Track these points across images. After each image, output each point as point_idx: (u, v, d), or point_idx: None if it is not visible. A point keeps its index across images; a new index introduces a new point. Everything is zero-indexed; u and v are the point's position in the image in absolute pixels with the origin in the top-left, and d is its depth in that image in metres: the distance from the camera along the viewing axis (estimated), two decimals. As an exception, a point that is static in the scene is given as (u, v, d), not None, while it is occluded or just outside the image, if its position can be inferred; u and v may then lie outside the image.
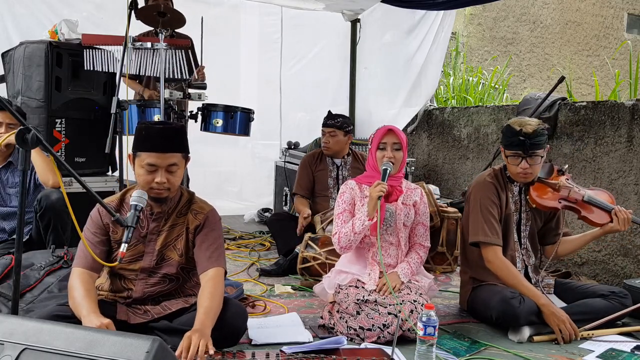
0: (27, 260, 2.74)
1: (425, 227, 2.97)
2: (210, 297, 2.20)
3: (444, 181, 5.60)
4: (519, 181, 2.91)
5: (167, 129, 2.29)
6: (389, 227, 2.86)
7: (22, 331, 1.48)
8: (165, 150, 2.23)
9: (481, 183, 2.92)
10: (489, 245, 2.82)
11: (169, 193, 2.29)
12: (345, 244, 2.79)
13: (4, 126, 3.06)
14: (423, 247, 2.95)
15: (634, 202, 3.79)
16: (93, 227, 2.33)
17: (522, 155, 2.78)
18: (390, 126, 2.89)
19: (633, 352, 2.58)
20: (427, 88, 5.98)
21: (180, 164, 2.29)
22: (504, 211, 2.91)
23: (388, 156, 2.81)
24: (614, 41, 11.99)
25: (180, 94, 3.91)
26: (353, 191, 2.93)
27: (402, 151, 2.85)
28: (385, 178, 2.74)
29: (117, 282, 2.38)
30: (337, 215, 2.90)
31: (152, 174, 2.23)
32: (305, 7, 5.83)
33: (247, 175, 6.19)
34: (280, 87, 6.01)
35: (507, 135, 2.82)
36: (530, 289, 2.76)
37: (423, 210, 2.96)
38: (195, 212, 2.39)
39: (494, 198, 2.86)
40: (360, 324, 2.60)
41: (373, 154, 2.88)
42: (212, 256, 2.31)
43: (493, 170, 2.99)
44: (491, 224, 2.83)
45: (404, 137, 2.90)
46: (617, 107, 3.94)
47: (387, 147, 2.83)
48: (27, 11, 4.83)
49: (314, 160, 4.27)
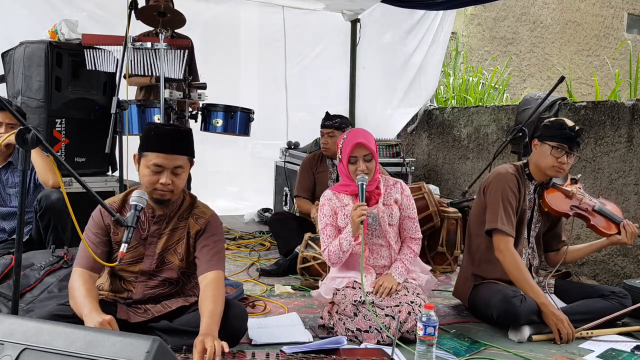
0: (27, 260, 2.74)
1: (413, 219, 2.93)
2: (214, 300, 2.20)
3: (444, 181, 5.60)
4: (550, 175, 2.92)
5: (176, 131, 2.30)
6: (375, 230, 2.84)
7: (22, 331, 1.48)
8: (172, 151, 2.23)
9: (504, 174, 2.92)
10: (503, 235, 2.82)
11: (172, 195, 2.29)
12: (335, 260, 2.79)
13: (4, 126, 3.06)
14: (414, 240, 2.92)
15: (634, 202, 3.79)
16: (95, 228, 2.33)
17: (567, 150, 2.83)
18: (358, 138, 2.78)
19: (633, 352, 2.58)
20: (427, 88, 5.98)
21: (185, 167, 2.29)
22: (520, 205, 2.92)
23: (361, 169, 2.75)
24: (614, 41, 11.99)
25: (180, 94, 3.91)
26: (331, 202, 2.90)
27: (373, 159, 2.78)
28: (363, 197, 2.69)
29: (117, 282, 2.38)
30: (322, 231, 2.87)
31: (157, 175, 2.23)
32: (305, 7, 5.84)
33: (247, 175, 6.19)
34: (286, 86, 6.01)
35: (556, 128, 2.85)
36: (532, 286, 2.77)
37: (406, 203, 2.92)
38: (196, 216, 2.38)
39: (515, 190, 2.88)
40: (358, 326, 2.59)
41: (345, 164, 2.82)
42: (212, 260, 2.31)
43: (514, 165, 3.00)
44: (509, 214, 2.84)
45: (373, 142, 2.82)
46: (617, 107, 3.95)
47: (359, 161, 2.77)
48: (27, 11, 4.83)
49: (315, 162, 4.27)
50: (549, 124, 2.91)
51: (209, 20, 5.63)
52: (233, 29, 5.94)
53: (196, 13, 5.25)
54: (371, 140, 2.82)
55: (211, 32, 5.52)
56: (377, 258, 2.86)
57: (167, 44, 3.67)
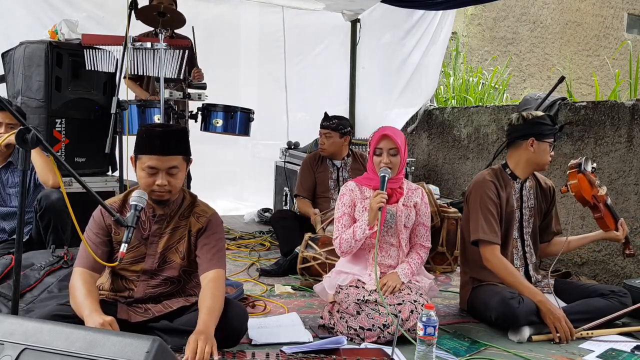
0: (27, 260, 2.74)
1: (426, 227, 2.97)
2: (213, 297, 2.21)
3: (444, 181, 5.60)
4: (542, 170, 2.99)
5: (167, 132, 2.29)
6: (390, 228, 2.86)
7: (22, 331, 1.48)
8: (164, 152, 2.23)
9: (480, 182, 2.93)
10: (487, 244, 2.82)
11: (170, 196, 2.29)
12: (346, 249, 2.80)
13: (4, 126, 3.06)
14: (424, 248, 2.96)
15: (634, 202, 3.79)
16: (95, 228, 2.33)
17: (554, 144, 2.92)
18: (386, 131, 2.83)
19: (633, 352, 2.58)
20: (426, 88, 5.98)
21: (181, 167, 2.29)
22: (505, 209, 2.92)
23: (385, 162, 2.79)
24: (614, 41, 11.99)
25: (180, 94, 3.91)
26: (353, 193, 2.93)
27: (399, 155, 2.81)
28: (384, 186, 2.72)
29: (119, 281, 2.39)
30: (338, 219, 2.89)
31: (152, 176, 2.23)
32: (305, 7, 5.84)
33: (247, 175, 6.19)
34: (286, 86, 6.01)
35: (548, 125, 2.87)
36: (527, 287, 2.78)
37: (424, 211, 2.96)
38: (197, 215, 2.39)
39: (493, 196, 2.88)
40: (361, 324, 2.60)
41: (371, 157, 2.87)
42: (214, 258, 2.32)
43: (492, 169, 3.00)
44: (490, 222, 2.84)
45: (402, 139, 2.85)
46: (617, 107, 3.94)
47: (384, 153, 2.80)
48: (27, 11, 4.83)
49: (315, 161, 4.27)
50: (542, 121, 2.89)
51: (209, 20, 5.62)
52: (233, 29, 5.94)
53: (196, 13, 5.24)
54: (399, 136, 2.85)
55: (211, 32, 5.52)
56: (386, 257, 2.87)
57: (167, 44, 3.67)
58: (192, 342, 2.01)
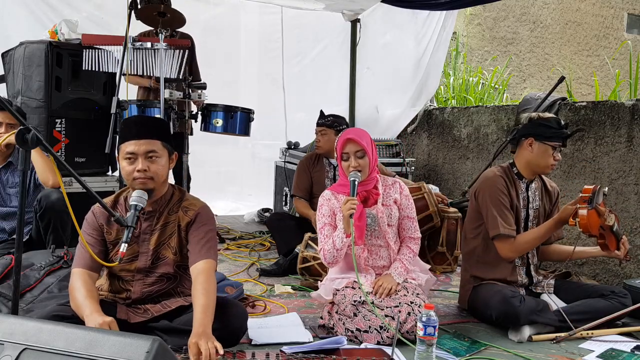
0: (27, 260, 2.74)
1: (412, 219, 2.93)
2: (205, 293, 2.17)
3: (444, 181, 5.60)
4: (544, 173, 2.97)
5: (143, 118, 2.36)
6: (374, 231, 2.83)
7: (22, 331, 1.48)
8: (140, 136, 2.24)
9: (491, 178, 2.93)
10: (506, 238, 2.83)
11: (154, 184, 2.28)
12: (330, 260, 2.78)
13: (4, 126, 3.06)
14: (413, 240, 2.92)
15: (634, 202, 3.79)
16: (89, 229, 2.34)
17: (561, 147, 2.89)
18: (349, 134, 2.80)
19: (633, 352, 2.58)
20: (427, 88, 5.97)
21: (161, 153, 2.28)
22: (514, 204, 2.92)
23: (353, 165, 2.76)
24: (614, 41, 11.99)
25: (180, 94, 3.92)
26: (330, 202, 2.89)
27: (367, 156, 2.77)
28: (354, 192, 2.68)
29: (116, 283, 2.39)
30: (319, 230, 2.86)
31: (132, 164, 2.25)
32: (305, 7, 5.83)
33: (247, 175, 6.19)
34: (284, 87, 6.01)
35: (553, 127, 2.86)
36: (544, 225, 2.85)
37: (406, 204, 2.92)
38: (185, 209, 2.38)
39: (504, 190, 2.89)
40: (357, 326, 2.59)
41: (340, 163, 2.84)
42: (203, 249, 2.29)
43: (501, 167, 3.00)
44: (506, 216, 2.85)
45: (367, 139, 2.82)
46: (617, 107, 3.94)
47: (351, 157, 2.77)
48: (27, 11, 4.83)
49: (311, 161, 4.26)
50: (545, 123, 2.89)
51: (208, 20, 5.63)
52: (233, 29, 5.94)
53: (196, 13, 5.25)
54: (363, 137, 2.81)
55: (211, 32, 5.53)
56: (376, 259, 2.86)
57: (167, 44, 3.67)
58: (192, 347, 1.99)
